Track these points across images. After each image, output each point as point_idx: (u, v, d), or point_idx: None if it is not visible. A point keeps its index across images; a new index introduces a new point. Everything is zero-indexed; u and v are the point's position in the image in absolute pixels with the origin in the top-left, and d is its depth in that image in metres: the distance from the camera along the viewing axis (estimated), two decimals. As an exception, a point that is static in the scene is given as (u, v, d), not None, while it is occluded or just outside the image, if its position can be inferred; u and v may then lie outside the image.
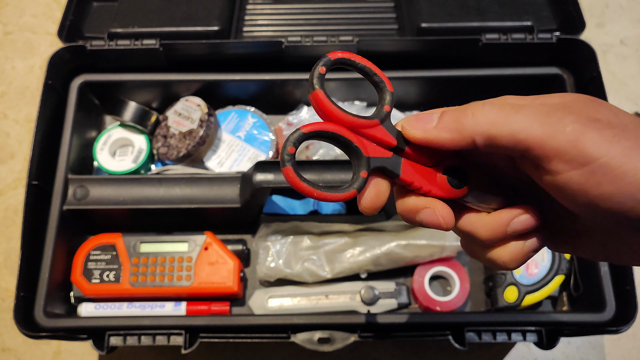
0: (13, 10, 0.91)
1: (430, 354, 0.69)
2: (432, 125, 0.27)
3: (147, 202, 0.65)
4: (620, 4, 0.90)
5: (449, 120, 0.26)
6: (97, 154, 0.72)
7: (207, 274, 0.64)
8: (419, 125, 0.27)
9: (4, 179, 0.79)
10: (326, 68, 0.27)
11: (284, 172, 0.26)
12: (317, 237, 0.68)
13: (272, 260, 0.66)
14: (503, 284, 0.64)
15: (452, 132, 0.26)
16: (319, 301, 0.66)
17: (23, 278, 0.59)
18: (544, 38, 0.69)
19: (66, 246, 0.65)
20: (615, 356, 0.69)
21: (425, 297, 0.65)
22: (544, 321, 0.59)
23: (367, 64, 0.29)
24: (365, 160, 0.28)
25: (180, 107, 0.73)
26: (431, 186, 0.29)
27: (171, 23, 0.71)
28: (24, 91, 0.85)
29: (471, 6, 0.72)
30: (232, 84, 0.73)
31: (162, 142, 0.72)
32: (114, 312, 0.64)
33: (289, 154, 0.26)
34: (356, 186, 0.27)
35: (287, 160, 0.26)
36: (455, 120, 0.26)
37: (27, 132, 0.82)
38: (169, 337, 0.59)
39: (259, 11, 0.78)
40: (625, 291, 0.59)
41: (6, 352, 0.70)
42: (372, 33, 0.76)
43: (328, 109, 0.27)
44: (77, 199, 0.66)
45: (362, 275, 0.67)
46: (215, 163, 0.73)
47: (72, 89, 0.70)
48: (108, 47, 0.69)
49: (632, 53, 0.87)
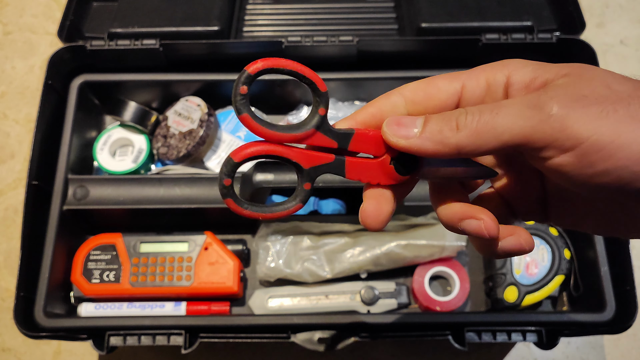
0: (13, 10, 0.91)
1: (430, 354, 0.69)
2: (415, 134, 0.26)
3: (147, 202, 0.65)
4: (620, 4, 0.90)
5: (434, 130, 0.25)
6: (97, 154, 0.72)
7: (207, 274, 0.64)
8: (401, 132, 0.26)
9: (4, 179, 0.79)
10: (248, 85, 0.26)
11: (226, 204, 0.26)
12: (317, 237, 0.68)
13: (272, 260, 0.66)
14: (503, 284, 0.64)
15: (436, 144, 0.25)
16: (319, 301, 0.66)
17: (23, 278, 0.59)
18: (544, 38, 0.69)
19: (66, 246, 0.65)
20: (615, 356, 0.69)
21: (425, 297, 0.65)
22: (544, 321, 0.59)
23: (294, 66, 0.27)
24: (305, 172, 0.27)
25: (180, 107, 0.73)
26: (381, 177, 0.28)
27: (171, 23, 0.71)
28: (24, 91, 0.85)
29: (471, 6, 0.72)
30: (232, 84, 0.73)
31: (162, 142, 0.72)
32: (114, 312, 0.64)
33: (225, 186, 0.26)
34: (299, 199, 0.27)
35: (225, 194, 0.26)
36: (440, 131, 0.25)
37: (27, 132, 0.82)
38: (169, 337, 0.59)
39: (259, 11, 0.78)
40: (625, 291, 0.59)
41: (6, 352, 0.70)
42: (372, 33, 0.76)
43: (259, 130, 0.27)
44: (77, 199, 0.66)
45: (362, 275, 0.67)
46: (215, 163, 0.73)
47: (72, 89, 0.70)
48: (108, 47, 0.69)
49: (632, 53, 0.87)
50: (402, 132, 0.26)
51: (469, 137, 0.24)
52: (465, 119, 0.24)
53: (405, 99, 0.28)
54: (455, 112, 0.25)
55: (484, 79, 0.27)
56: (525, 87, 0.26)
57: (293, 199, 0.28)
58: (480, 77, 0.27)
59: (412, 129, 0.26)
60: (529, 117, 0.23)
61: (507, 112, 0.24)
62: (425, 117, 0.26)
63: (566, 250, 0.66)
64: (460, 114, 0.25)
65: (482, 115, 0.24)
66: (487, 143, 0.24)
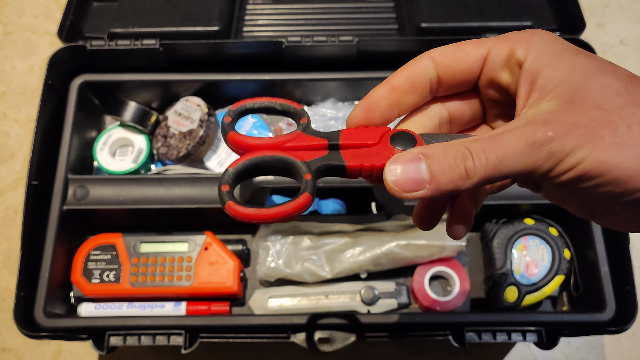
0: (13, 10, 0.91)
1: (430, 354, 0.69)
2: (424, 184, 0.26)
3: (147, 202, 0.65)
4: (620, 4, 0.90)
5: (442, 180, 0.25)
6: (97, 154, 0.72)
7: (207, 274, 0.64)
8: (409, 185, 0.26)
9: (4, 179, 0.79)
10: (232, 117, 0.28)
11: (227, 210, 0.26)
12: (317, 237, 0.68)
13: (272, 260, 0.66)
14: (503, 284, 0.64)
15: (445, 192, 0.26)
16: (319, 301, 0.66)
17: (23, 278, 0.59)
18: (544, 38, 0.69)
19: (66, 246, 0.65)
20: (615, 356, 0.69)
21: (425, 297, 0.65)
22: (544, 321, 0.59)
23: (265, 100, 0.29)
24: (304, 164, 0.27)
25: (180, 107, 0.73)
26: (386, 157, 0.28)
27: (171, 23, 0.71)
28: (24, 91, 0.85)
29: (471, 6, 0.72)
30: (232, 84, 0.73)
31: (162, 142, 0.72)
32: (114, 312, 0.64)
33: (224, 192, 0.26)
34: (308, 190, 0.26)
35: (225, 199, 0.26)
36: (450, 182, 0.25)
37: (27, 132, 0.82)
38: (169, 337, 0.59)
39: (259, 11, 0.78)
40: (625, 291, 0.59)
41: (6, 352, 0.70)
42: (372, 33, 0.76)
43: (246, 142, 0.28)
44: (77, 199, 0.66)
45: (362, 275, 0.67)
46: (215, 163, 0.73)
47: (72, 89, 0.70)
48: (108, 47, 0.69)
49: (632, 53, 0.87)
50: (410, 186, 0.26)
51: (479, 181, 0.26)
52: (473, 165, 0.25)
53: (434, 62, 0.29)
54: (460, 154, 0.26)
55: (507, 49, 0.28)
56: (531, 81, 0.27)
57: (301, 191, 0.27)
58: (504, 46, 0.28)
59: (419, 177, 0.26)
60: (531, 156, 0.25)
61: (511, 154, 0.25)
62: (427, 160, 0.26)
63: (566, 250, 0.66)
64: (466, 158, 0.25)
65: (489, 159, 0.25)
66: (494, 181, 0.26)
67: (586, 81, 0.26)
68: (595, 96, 0.25)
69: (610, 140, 0.24)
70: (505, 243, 0.66)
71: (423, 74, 0.30)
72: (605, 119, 0.25)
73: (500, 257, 0.65)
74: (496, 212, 0.68)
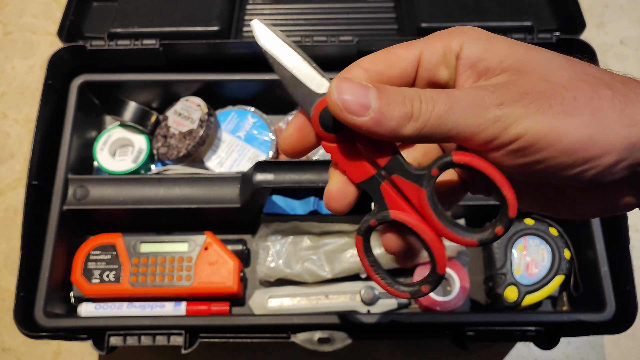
0: (13, 10, 0.91)
1: (430, 354, 0.69)
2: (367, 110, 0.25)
3: (147, 202, 0.65)
4: (620, 3, 0.90)
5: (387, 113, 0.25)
6: (97, 154, 0.72)
7: (207, 274, 0.64)
8: (353, 105, 0.25)
9: (4, 179, 0.79)
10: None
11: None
12: (317, 237, 0.68)
13: (272, 260, 0.66)
14: (503, 284, 0.64)
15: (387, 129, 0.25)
16: (319, 301, 0.66)
17: (23, 278, 0.59)
18: (544, 38, 0.69)
19: (66, 246, 0.65)
20: (615, 356, 0.69)
21: (425, 297, 0.65)
22: (544, 321, 0.59)
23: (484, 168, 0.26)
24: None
25: (180, 107, 0.73)
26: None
27: (171, 23, 0.71)
28: (24, 91, 0.85)
29: (471, 6, 0.72)
30: (232, 84, 0.73)
31: (162, 142, 0.72)
32: (114, 312, 0.64)
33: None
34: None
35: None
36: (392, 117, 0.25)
37: (27, 132, 0.82)
38: (169, 337, 0.59)
39: (259, 11, 0.78)
40: (626, 291, 0.59)
41: (6, 352, 0.70)
42: (372, 33, 0.76)
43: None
44: (77, 199, 0.65)
45: (362, 275, 0.67)
46: (215, 163, 0.73)
47: (72, 89, 0.70)
48: (108, 47, 0.69)
49: (632, 53, 0.87)
50: (353, 106, 0.25)
51: (421, 129, 0.25)
52: (420, 108, 0.25)
53: (366, 71, 0.27)
54: (409, 94, 0.25)
55: (440, 46, 0.28)
56: (470, 66, 0.27)
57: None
58: (436, 45, 0.28)
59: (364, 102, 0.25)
60: (476, 117, 0.24)
61: (458, 108, 0.25)
62: (378, 91, 0.25)
63: (566, 250, 0.66)
64: (414, 99, 0.25)
65: (436, 106, 0.25)
66: (436, 135, 0.25)
67: (530, 55, 0.26)
68: (542, 69, 0.26)
69: (558, 109, 0.24)
70: (505, 243, 0.66)
71: None
72: (552, 90, 0.25)
73: (500, 257, 0.65)
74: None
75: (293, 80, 0.27)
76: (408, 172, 0.27)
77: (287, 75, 0.27)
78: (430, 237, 0.27)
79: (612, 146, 0.24)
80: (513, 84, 0.25)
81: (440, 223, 0.26)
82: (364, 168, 0.27)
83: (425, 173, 0.26)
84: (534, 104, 0.24)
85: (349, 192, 0.29)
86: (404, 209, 0.27)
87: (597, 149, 0.24)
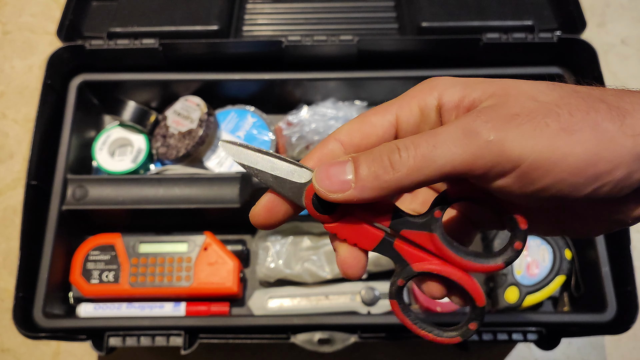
0: (12, 9, 0.90)
1: (430, 354, 0.69)
2: (350, 184, 0.25)
3: (146, 202, 0.65)
4: (621, 3, 0.90)
5: (368, 176, 0.24)
6: (96, 154, 0.72)
7: (207, 274, 0.64)
8: (335, 186, 0.25)
9: (2, 179, 0.79)
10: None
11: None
12: (317, 237, 0.67)
13: (272, 261, 0.66)
14: (504, 285, 0.64)
15: (375, 190, 0.24)
16: (319, 302, 0.66)
17: (22, 278, 0.59)
18: (544, 38, 0.69)
19: (65, 246, 0.65)
20: (616, 357, 0.69)
21: (425, 298, 0.65)
22: (545, 322, 0.59)
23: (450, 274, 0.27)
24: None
25: (179, 106, 0.73)
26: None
27: (171, 22, 0.71)
28: (23, 91, 0.85)
29: (472, 5, 0.72)
30: (232, 83, 0.73)
31: (161, 141, 0.72)
32: (113, 312, 0.64)
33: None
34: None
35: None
36: (375, 177, 0.24)
37: (26, 132, 0.82)
38: (168, 337, 0.59)
39: (259, 10, 0.78)
40: (626, 292, 0.59)
41: (5, 352, 0.70)
42: (373, 32, 0.75)
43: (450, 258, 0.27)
44: (76, 199, 0.65)
45: (362, 276, 0.67)
46: (214, 163, 0.72)
47: (71, 88, 0.70)
48: (107, 46, 0.69)
49: (633, 53, 0.86)
50: (335, 186, 0.25)
51: (408, 175, 0.24)
52: (399, 157, 0.24)
53: (342, 144, 0.27)
54: (385, 149, 0.25)
55: (415, 105, 0.27)
56: (455, 106, 0.26)
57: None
58: (412, 105, 0.27)
59: (344, 177, 0.25)
60: (467, 145, 0.23)
61: (444, 142, 0.23)
62: (354, 160, 0.25)
63: (567, 250, 0.65)
64: (392, 152, 0.24)
65: (418, 149, 0.24)
66: (428, 177, 0.24)
67: (513, 82, 0.25)
68: (529, 91, 0.24)
69: (556, 127, 0.23)
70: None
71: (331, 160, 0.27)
72: (545, 109, 0.23)
73: (501, 257, 0.65)
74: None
75: (277, 180, 0.28)
76: (414, 224, 0.27)
77: (270, 179, 0.28)
78: (458, 276, 0.27)
79: (620, 159, 0.22)
80: (501, 106, 0.24)
81: (462, 259, 0.27)
82: (372, 235, 0.28)
83: (430, 218, 0.27)
84: (528, 124, 0.23)
85: (361, 256, 0.28)
86: (425, 259, 0.27)
87: (606, 164, 0.22)
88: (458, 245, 0.27)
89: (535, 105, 0.23)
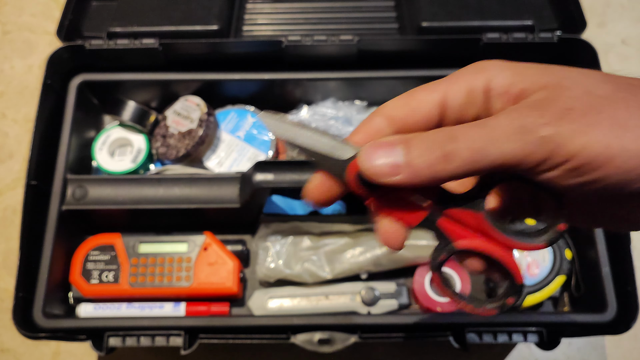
0: (12, 9, 0.90)
1: (430, 354, 0.69)
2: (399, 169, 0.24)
3: (146, 202, 0.65)
4: (622, 3, 0.90)
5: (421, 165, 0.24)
6: (96, 154, 0.72)
7: (207, 274, 0.64)
8: (384, 168, 0.25)
9: (2, 179, 0.79)
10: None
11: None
12: (317, 237, 0.67)
13: (272, 261, 0.66)
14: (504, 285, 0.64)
15: (426, 179, 0.24)
16: (319, 302, 0.65)
17: (22, 278, 0.59)
18: (545, 37, 0.69)
19: (65, 246, 0.65)
20: (616, 357, 0.69)
21: (425, 298, 0.65)
22: (545, 322, 0.59)
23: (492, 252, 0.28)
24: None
25: (179, 106, 0.73)
26: None
27: (170, 22, 0.71)
28: (22, 91, 0.85)
29: (472, 5, 0.72)
30: (232, 83, 0.73)
31: (161, 141, 0.72)
32: (113, 312, 0.64)
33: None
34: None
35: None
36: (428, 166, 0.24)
37: (25, 132, 0.81)
38: (168, 337, 0.59)
39: (259, 10, 0.78)
40: (627, 292, 0.59)
41: (5, 353, 0.70)
42: (373, 32, 0.75)
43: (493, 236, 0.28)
44: (75, 199, 0.65)
45: (363, 276, 0.67)
46: (214, 163, 0.72)
47: (71, 88, 0.70)
48: (107, 46, 0.69)
49: (633, 53, 0.86)
50: (385, 169, 0.25)
51: (461, 167, 0.24)
52: (453, 148, 0.24)
53: (387, 119, 0.27)
54: (439, 138, 0.24)
55: (464, 86, 0.27)
56: (504, 92, 0.26)
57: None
58: (460, 84, 0.27)
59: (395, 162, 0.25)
60: (521, 141, 0.23)
61: (499, 137, 0.23)
62: (405, 145, 0.25)
63: (567, 250, 0.65)
64: (447, 142, 0.24)
65: (474, 142, 0.24)
66: (479, 169, 0.24)
67: (565, 72, 0.25)
68: (583, 83, 0.24)
69: (610, 122, 0.22)
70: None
71: (376, 135, 0.27)
72: (599, 104, 0.23)
73: (501, 257, 0.65)
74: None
75: (317, 155, 0.27)
76: (459, 202, 0.27)
77: (311, 153, 0.28)
78: (499, 253, 0.27)
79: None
80: (555, 100, 0.24)
81: (505, 237, 0.27)
82: (416, 212, 0.28)
83: (475, 197, 0.27)
84: (582, 119, 0.23)
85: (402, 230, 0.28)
86: (468, 236, 0.28)
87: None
88: (503, 223, 0.27)
89: (590, 100, 0.23)
